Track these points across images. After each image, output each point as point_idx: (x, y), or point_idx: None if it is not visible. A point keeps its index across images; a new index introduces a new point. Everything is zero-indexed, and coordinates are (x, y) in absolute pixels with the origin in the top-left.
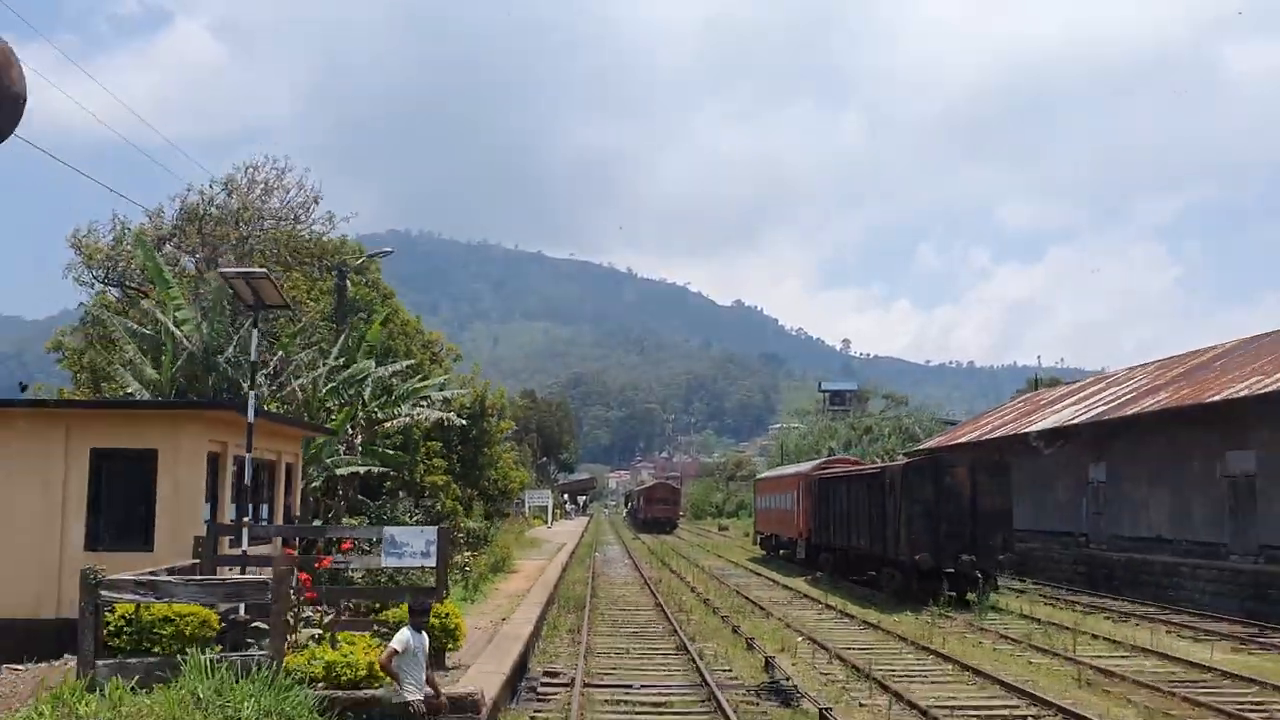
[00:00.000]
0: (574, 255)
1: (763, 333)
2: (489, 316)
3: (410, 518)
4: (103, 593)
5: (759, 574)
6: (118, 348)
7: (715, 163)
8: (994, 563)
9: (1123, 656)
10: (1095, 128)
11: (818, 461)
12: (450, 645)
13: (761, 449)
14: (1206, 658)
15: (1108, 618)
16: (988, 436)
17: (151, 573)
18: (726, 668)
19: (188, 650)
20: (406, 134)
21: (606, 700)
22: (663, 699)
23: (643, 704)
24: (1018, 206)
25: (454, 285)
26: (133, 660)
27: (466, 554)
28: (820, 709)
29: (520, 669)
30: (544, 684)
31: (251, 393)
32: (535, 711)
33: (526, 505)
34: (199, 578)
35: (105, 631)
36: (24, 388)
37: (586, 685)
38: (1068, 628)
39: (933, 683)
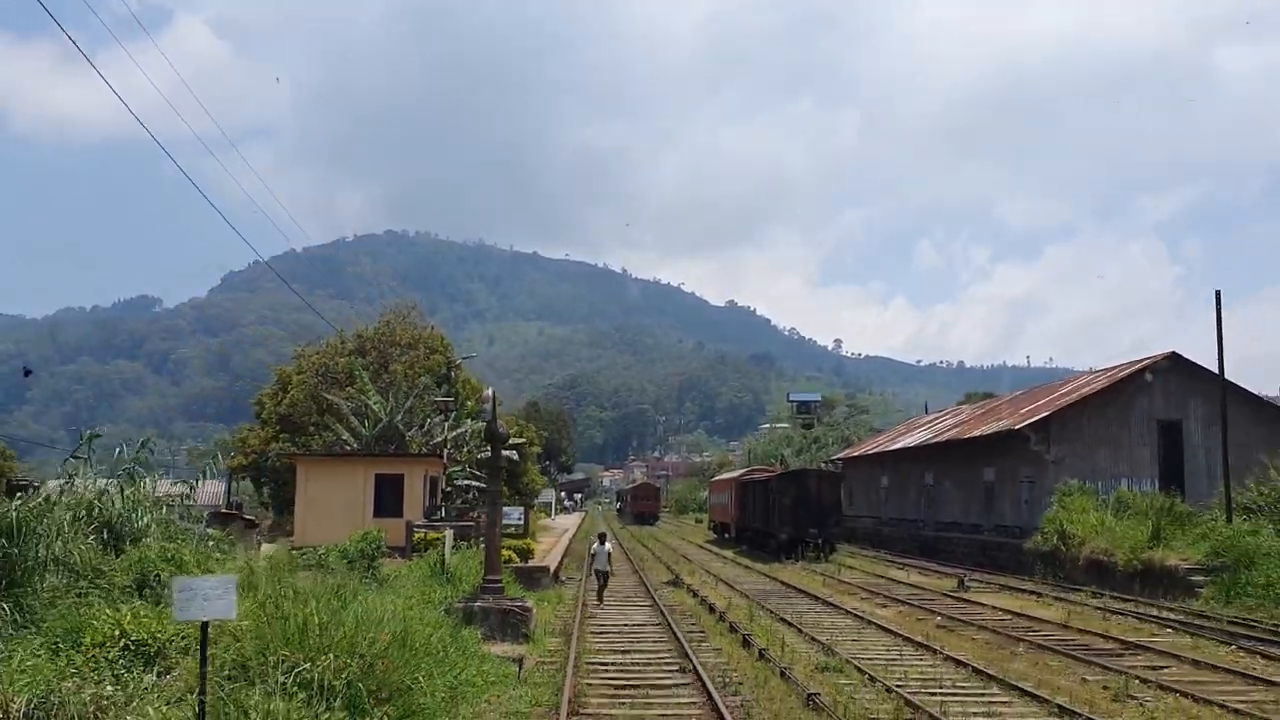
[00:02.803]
0: (570, 256)
1: (755, 333)
2: (485, 316)
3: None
4: (414, 527)
5: (703, 548)
6: (338, 414)
7: (714, 162)
8: (831, 534)
9: (862, 577)
10: (1093, 127)
11: (746, 469)
12: (531, 557)
13: (749, 450)
14: (904, 578)
15: (892, 565)
16: (872, 451)
17: (427, 521)
18: (657, 579)
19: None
20: (404, 133)
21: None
22: (622, 588)
23: (613, 588)
24: (1016, 204)
25: (451, 285)
26: (428, 552)
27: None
28: (687, 585)
29: (555, 575)
30: (566, 580)
31: (445, 451)
32: (564, 585)
33: (536, 502)
34: (448, 520)
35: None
36: (27, 373)
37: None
38: (853, 568)
39: (752, 583)
